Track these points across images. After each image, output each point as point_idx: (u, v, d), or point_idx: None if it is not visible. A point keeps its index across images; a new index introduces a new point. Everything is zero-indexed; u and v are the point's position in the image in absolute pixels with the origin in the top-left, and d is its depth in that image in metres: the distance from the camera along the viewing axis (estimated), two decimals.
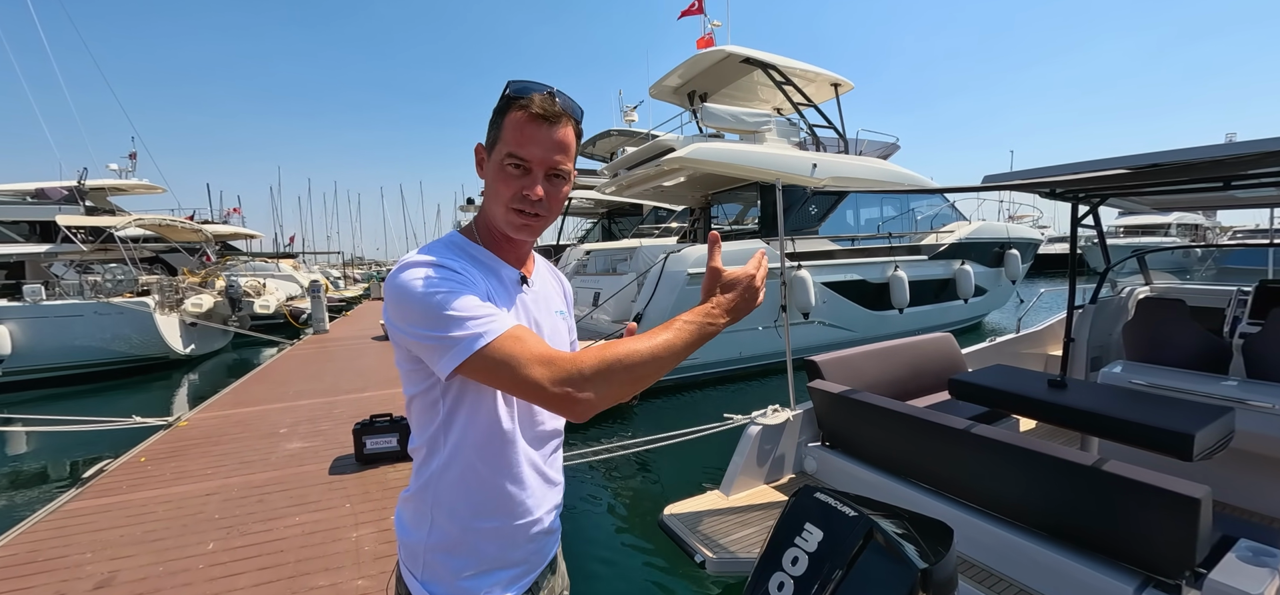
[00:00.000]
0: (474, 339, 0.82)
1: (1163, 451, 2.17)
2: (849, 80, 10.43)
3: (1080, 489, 2.15)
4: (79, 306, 10.18)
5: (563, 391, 0.81)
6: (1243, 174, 2.92)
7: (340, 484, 3.77)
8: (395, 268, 0.91)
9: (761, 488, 3.32)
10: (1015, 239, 12.18)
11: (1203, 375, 3.26)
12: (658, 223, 15.23)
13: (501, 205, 0.94)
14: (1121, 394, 2.67)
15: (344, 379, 7.26)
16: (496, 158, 0.93)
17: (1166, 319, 3.75)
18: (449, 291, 0.85)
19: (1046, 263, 24.69)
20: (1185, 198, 4.35)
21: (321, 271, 26.38)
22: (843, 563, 1.55)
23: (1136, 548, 2.04)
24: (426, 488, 0.95)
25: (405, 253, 0.97)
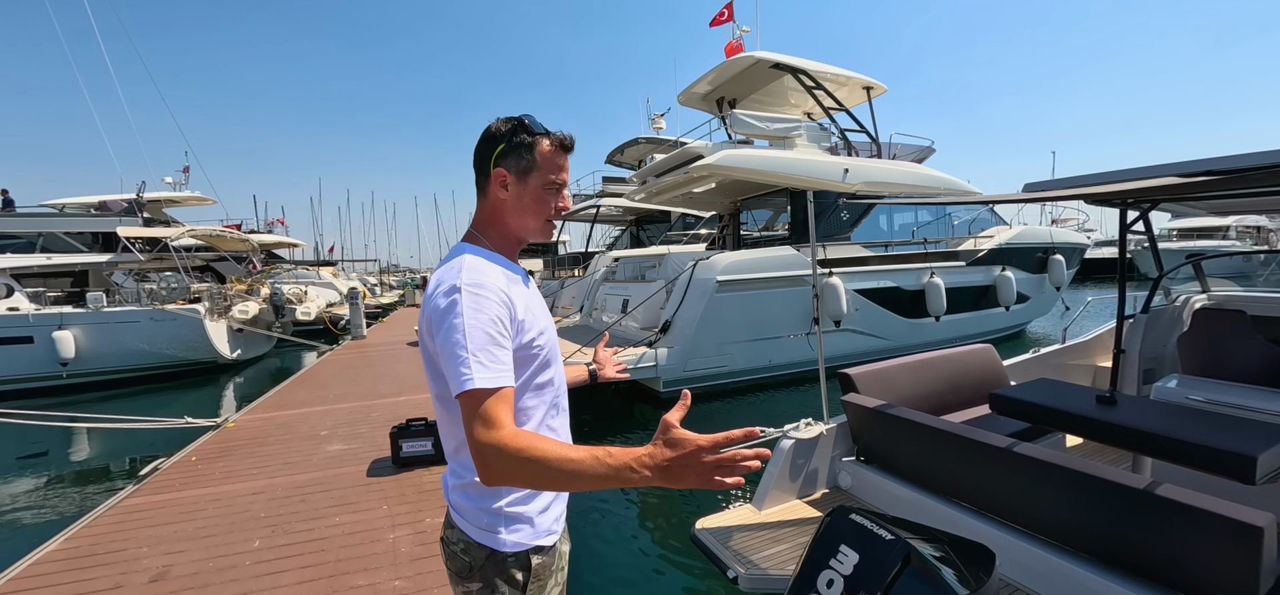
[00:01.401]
0: (468, 378, 0.98)
1: (1222, 474, 2.05)
2: (882, 83, 10.23)
3: (1131, 512, 2.04)
4: (136, 313, 10.77)
5: (484, 455, 0.94)
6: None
7: (378, 486, 3.88)
8: (445, 280, 1.08)
9: (795, 503, 3.27)
10: (1059, 243, 11.71)
11: (1269, 391, 3.06)
12: (686, 230, 15.23)
13: (540, 220, 1.22)
14: (1177, 411, 2.54)
15: (381, 383, 7.46)
16: (537, 182, 1.19)
17: (1227, 331, 3.55)
18: (480, 326, 1.03)
19: (1093, 268, 23.67)
20: (1245, 201, 4.11)
21: (359, 279, 27.23)
22: (879, 587, 1.51)
23: (1192, 577, 1.93)
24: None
25: (439, 257, 1.11)
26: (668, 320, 7.42)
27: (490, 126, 1.20)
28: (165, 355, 11.09)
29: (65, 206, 15.51)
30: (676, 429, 0.91)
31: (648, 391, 7.51)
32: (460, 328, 1.01)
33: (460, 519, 1.17)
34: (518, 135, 1.17)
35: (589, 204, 16.06)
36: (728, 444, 0.89)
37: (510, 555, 1.14)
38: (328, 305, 16.31)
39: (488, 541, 1.14)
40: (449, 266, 1.11)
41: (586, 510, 4.42)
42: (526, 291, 1.20)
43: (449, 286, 1.05)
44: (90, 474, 6.21)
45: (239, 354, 12.34)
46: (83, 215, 15.07)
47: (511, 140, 1.17)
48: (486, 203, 1.22)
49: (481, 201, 1.23)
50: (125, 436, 6.75)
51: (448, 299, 1.04)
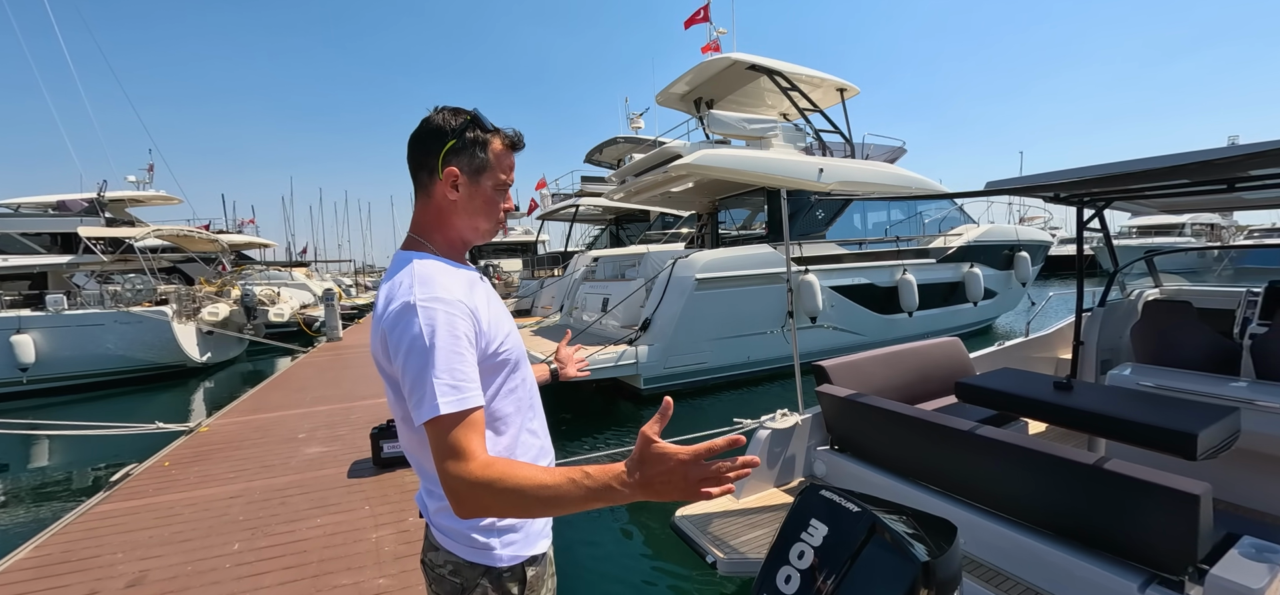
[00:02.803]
0: (435, 406, 0.91)
1: (1167, 451, 2.20)
2: (855, 85, 10.47)
3: (1085, 489, 2.18)
4: (100, 316, 10.43)
5: (455, 489, 0.89)
6: (1247, 176, 2.95)
7: (359, 487, 3.87)
8: (397, 296, 0.98)
9: (771, 491, 3.37)
10: (1025, 241, 12.14)
11: (1211, 376, 3.27)
12: (665, 229, 15.33)
13: (491, 222, 1.14)
14: (1127, 396, 2.70)
15: (359, 385, 7.38)
16: (488, 184, 1.11)
17: (1175, 321, 3.77)
18: (443, 346, 0.94)
19: (1057, 265, 24.48)
20: (1192, 200, 4.36)
21: (334, 279, 26.71)
22: (847, 556, 1.61)
23: (1140, 545, 2.07)
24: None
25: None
26: (648, 318, 7.50)
27: (433, 119, 1.08)
28: (131, 359, 10.76)
29: (21, 206, 14.93)
30: (658, 443, 0.85)
31: (629, 389, 7.58)
32: (420, 348, 0.93)
33: (447, 540, 1.09)
34: (470, 131, 1.07)
35: (568, 203, 16.07)
36: (711, 455, 0.84)
37: (506, 570, 1.08)
38: (302, 307, 16.00)
39: (481, 559, 1.07)
40: (397, 279, 1.01)
41: None
42: (486, 295, 1.12)
43: (402, 304, 0.96)
44: (56, 483, 6.03)
45: (209, 357, 12.04)
46: (40, 215, 14.53)
47: (464, 137, 1.07)
48: (431, 204, 1.10)
49: (424, 202, 1.10)
50: (92, 443, 6.56)
51: (403, 318, 0.95)
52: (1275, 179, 2.99)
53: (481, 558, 1.07)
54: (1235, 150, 2.29)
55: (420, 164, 1.09)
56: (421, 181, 1.10)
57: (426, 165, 1.08)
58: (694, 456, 0.83)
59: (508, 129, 1.14)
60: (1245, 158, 2.26)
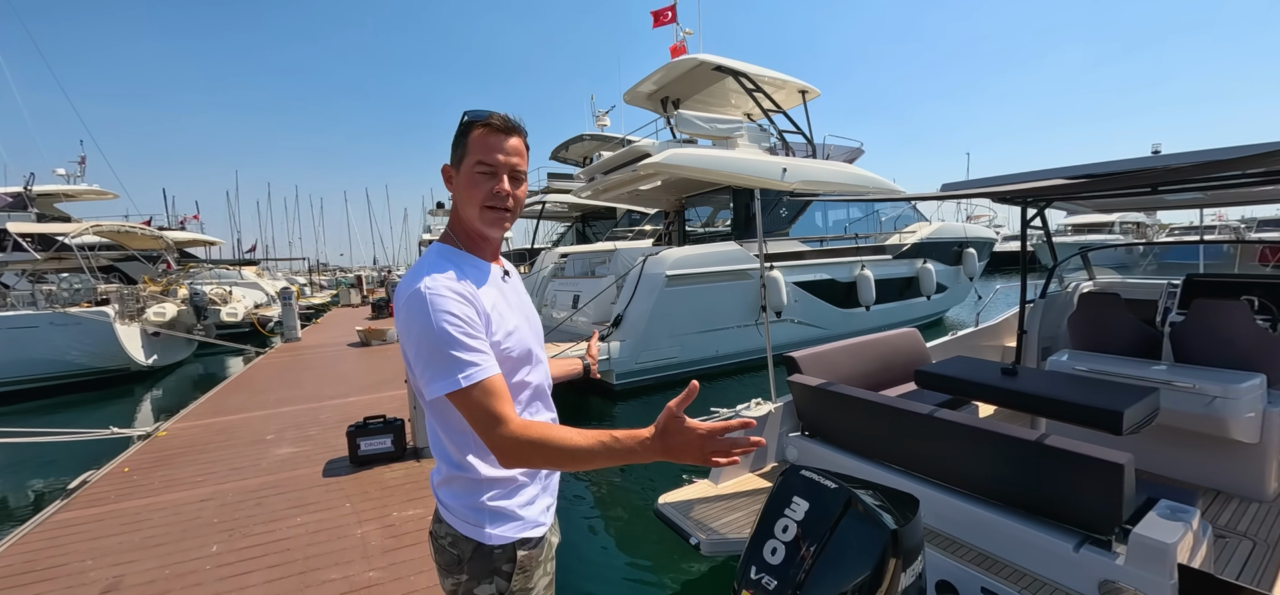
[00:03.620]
0: (456, 382, 1.01)
1: (1097, 427, 2.47)
2: (816, 87, 10.84)
3: (1028, 463, 2.43)
4: (34, 318, 9.77)
5: (502, 448, 1.01)
6: (1166, 181, 3.30)
7: (337, 485, 3.84)
8: (406, 285, 1.08)
9: (747, 476, 3.55)
10: (972, 238, 12.83)
11: (1137, 360, 3.62)
12: (631, 226, 15.45)
13: (475, 206, 1.13)
14: (1065, 379, 2.99)
15: (326, 385, 7.22)
16: (466, 168, 1.13)
17: (1105, 311, 4.14)
18: (450, 326, 1.02)
19: (1001, 261, 25.84)
20: (1121, 201, 4.78)
21: (286, 278, 25.68)
22: (827, 527, 1.78)
23: (1075, 510, 2.32)
24: (479, 452, 1.14)
25: (371, 257, 1.21)
26: (619, 314, 7.61)
27: None
28: (70, 363, 10.13)
29: None
30: (683, 418, 0.99)
31: (601, 385, 7.68)
32: (427, 330, 1.02)
33: (447, 513, 1.18)
34: (460, 129, 1.15)
35: (534, 200, 15.98)
36: (725, 433, 0.98)
37: (496, 548, 1.15)
38: (255, 306, 15.36)
39: (474, 535, 1.14)
40: (411, 270, 1.14)
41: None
42: (495, 289, 1.17)
43: (408, 292, 1.06)
44: None
45: (155, 360, 11.44)
46: None
47: (455, 135, 1.16)
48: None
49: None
50: (35, 452, 6.18)
51: (408, 304, 1.05)
52: (1191, 185, 3.36)
53: (474, 534, 1.15)
54: (1161, 161, 2.59)
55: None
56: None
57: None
58: (711, 431, 0.97)
59: (496, 115, 1.14)
60: (1168, 170, 2.55)
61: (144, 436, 5.18)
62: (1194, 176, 3.05)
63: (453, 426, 1.12)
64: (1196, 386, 3.09)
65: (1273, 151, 2.25)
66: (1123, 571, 2.13)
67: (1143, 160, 2.80)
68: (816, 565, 1.67)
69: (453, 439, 1.15)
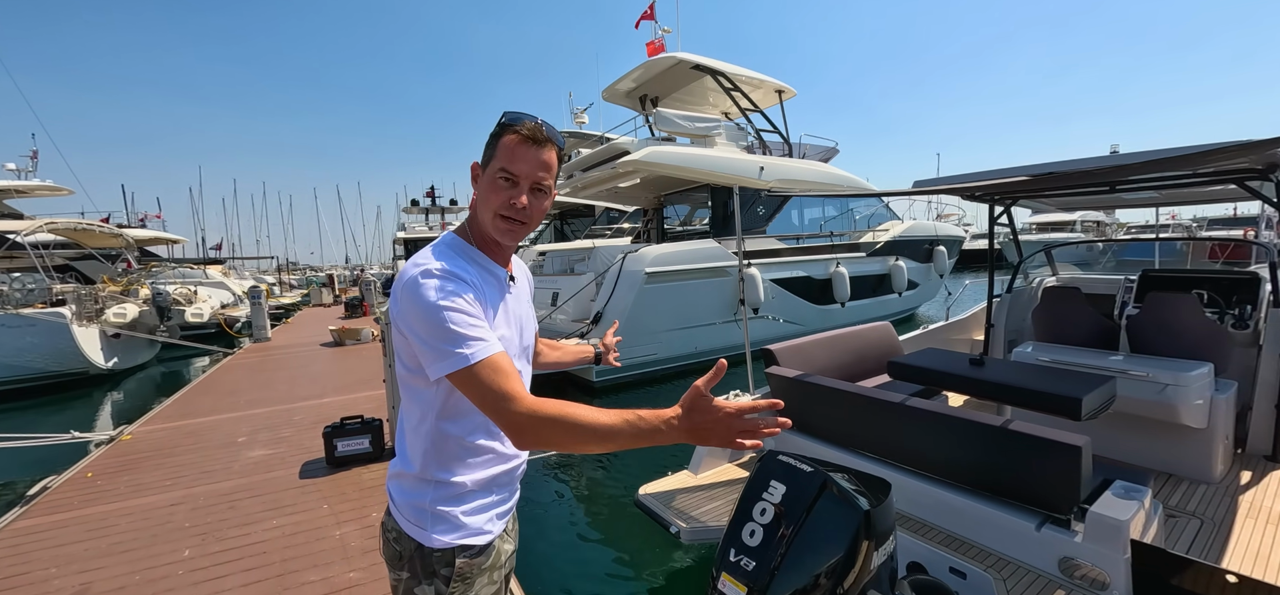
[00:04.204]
0: (464, 357, 0.99)
1: (1058, 414, 2.59)
2: (792, 87, 11.00)
3: (993, 447, 2.53)
4: None
5: (516, 425, 0.98)
6: (1124, 179, 3.46)
7: (314, 486, 3.78)
8: (409, 268, 1.07)
9: (726, 466, 3.61)
10: (942, 236, 13.19)
11: (1096, 351, 3.78)
12: (610, 223, 15.44)
13: (490, 212, 1.10)
14: (1029, 369, 3.11)
15: (298, 386, 7.06)
16: (490, 172, 1.10)
17: (1066, 305, 4.32)
18: (453, 306, 1.01)
19: (969, 258, 26.61)
20: (1082, 199, 4.99)
21: (254, 277, 24.97)
22: (803, 509, 1.84)
23: (1037, 491, 2.44)
24: (430, 452, 1.13)
25: (343, 256, 1.18)
26: (599, 312, 7.62)
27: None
28: (25, 366, 9.69)
29: None
30: (710, 397, 0.98)
31: (581, 381, 7.68)
32: (430, 310, 1.00)
33: (395, 509, 1.17)
34: (495, 129, 1.12)
35: None
36: (753, 411, 0.97)
37: (435, 552, 1.12)
38: (222, 306, 14.91)
39: (415, 535, 1.13)
40: (418, 254, 1.11)
41: (538, 482, 4.55)
42: (496, 292, 1.16)
43: (412, 275, 1.05)
44: None
45: (116, 363, 11.02)
46: None
47: (490, 135, 1.13)
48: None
49: None
50: None
51: (411, 286, 1.04)
52: (1147, 184, 3.53)
53: (416, 534, 1.12)
54: (1118, 160, 2.72)
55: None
56: None
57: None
58: (738, 411, 0.96)
59: (527, 117, 1.11)
60: (1124, 167, 2.69)
61: (108, 441, 5.00)
62: (1146, 173, 3.21)
63: (422, 418, 1.12)
64: (1150, 375, 3.24)
65: (1217, 150, 2.39)
66: (1080, 548, 2.24)
67: (1100, 159, 2.95)
68: (793, 546, 1.72)
69: (416, 435, 1.13)
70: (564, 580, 3.41)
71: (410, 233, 23.91)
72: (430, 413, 1.11)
